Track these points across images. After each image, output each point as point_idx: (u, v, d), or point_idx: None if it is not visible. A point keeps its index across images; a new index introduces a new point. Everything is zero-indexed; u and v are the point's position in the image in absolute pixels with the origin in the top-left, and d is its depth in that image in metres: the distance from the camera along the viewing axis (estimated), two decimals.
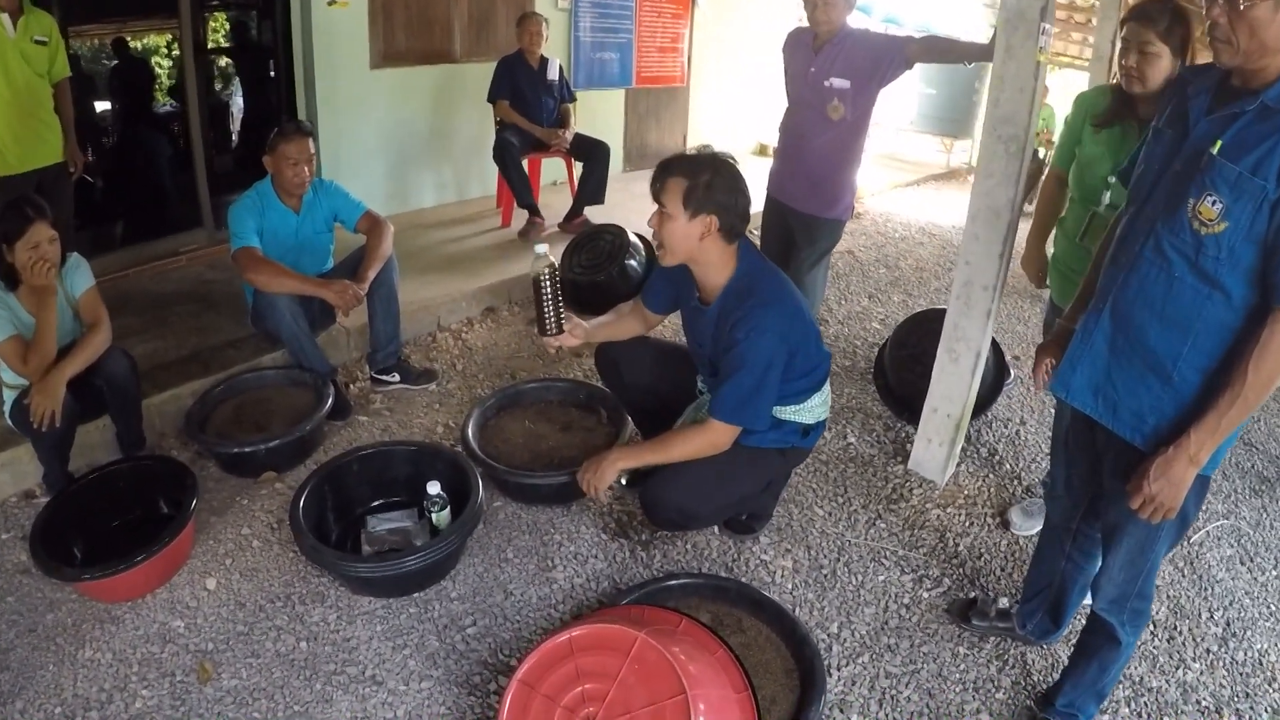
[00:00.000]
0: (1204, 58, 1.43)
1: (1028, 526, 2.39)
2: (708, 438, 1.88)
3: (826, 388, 2.08)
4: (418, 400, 2.91)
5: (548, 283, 1.92)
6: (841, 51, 2.61)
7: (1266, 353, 1.19)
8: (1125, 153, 1.85)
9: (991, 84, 2.09)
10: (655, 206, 1.85)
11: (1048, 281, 2.31)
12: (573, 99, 4.49)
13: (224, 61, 4.03)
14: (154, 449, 2.49)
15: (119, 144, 3.65)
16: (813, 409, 2.04)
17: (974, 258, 2.25)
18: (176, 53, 3.57)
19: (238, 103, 4.10)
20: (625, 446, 1.99)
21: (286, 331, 2.62)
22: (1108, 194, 1.94)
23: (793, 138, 2.82)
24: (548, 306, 1.97)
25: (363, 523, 2.15)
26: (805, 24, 2.74)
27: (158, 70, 3.66)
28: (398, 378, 2.95)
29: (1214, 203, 1.20)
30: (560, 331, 2.00)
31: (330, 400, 2.55)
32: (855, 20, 2.75)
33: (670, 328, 3.49)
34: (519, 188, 4.31)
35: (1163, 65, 1.76)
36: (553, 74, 4.37)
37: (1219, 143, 1.21)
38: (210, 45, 3.91)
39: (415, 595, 1.99)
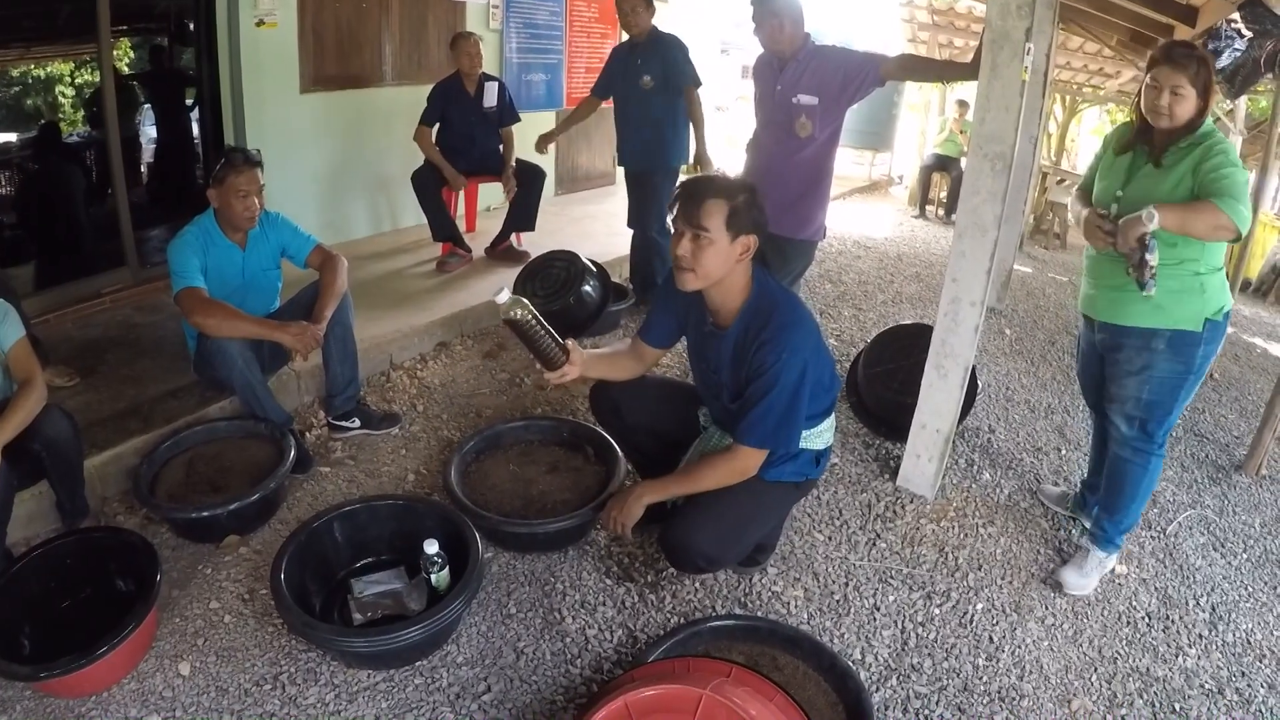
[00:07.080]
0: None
1: (1083, 586, 2.25)
2: (736, 465, 1.83)
3: (833, 413, 2.05)
4: (382, 446, 2.71)
5: (531, 317, 1.78)
6: (808, 68, 2.60)
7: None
8: (1131, 174, 2.02)
9: (977, 103, 2.12)
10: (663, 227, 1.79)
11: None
12: (516, 120, 4.32)
13: (145, 87, 3.70)
14: (97, 515, 2.22)
15: (32, 178, 3.29)
16: (823, 433, 2.01)
17: (961, 274, 2.28)
18: (93, 78, 3.26)
19: (161, 131, 3.77)
20: (650, 481, 1.90)
21: (239, 379, 2.39)
22: (1114, 207, 2.03)
23: (761, 158, 2.79)
24: (542, 341, 1.84)
25: (346, 587, 1.97)
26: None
27: (73, 97, 3.32)
28: (358, 423, 2.74)
29: None
30: (566, 358, 1.88)
31: (293, 453, 2.34)
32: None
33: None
34: (435, 218, 4.12)
35: (1189, 105, 1.91)
36: (490, 100, 4.17)
37: None
38: (130, 70, 3.58)
39: (418, 664, 1.82)
